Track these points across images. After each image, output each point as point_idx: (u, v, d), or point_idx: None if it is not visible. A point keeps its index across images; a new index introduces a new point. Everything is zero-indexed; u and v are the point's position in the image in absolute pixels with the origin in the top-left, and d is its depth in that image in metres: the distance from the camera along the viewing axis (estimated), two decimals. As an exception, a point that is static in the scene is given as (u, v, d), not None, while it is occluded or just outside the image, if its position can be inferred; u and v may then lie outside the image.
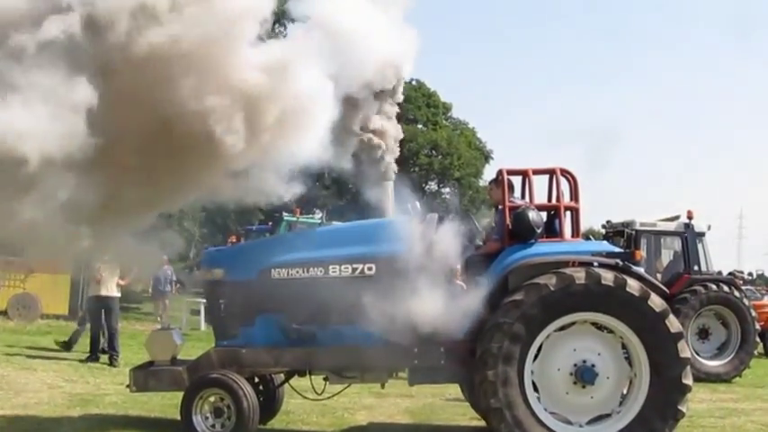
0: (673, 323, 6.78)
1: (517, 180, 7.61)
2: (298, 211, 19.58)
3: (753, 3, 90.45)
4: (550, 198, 7.45)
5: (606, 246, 7.74)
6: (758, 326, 14.36)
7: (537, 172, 7.49)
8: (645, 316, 6.70)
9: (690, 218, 14.10)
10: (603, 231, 15.22)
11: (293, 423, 8.11)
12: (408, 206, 7.41)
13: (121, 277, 12.57)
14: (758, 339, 14.96)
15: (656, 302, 6.74)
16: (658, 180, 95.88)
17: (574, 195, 7.36)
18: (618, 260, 6.97)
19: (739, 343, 13.62)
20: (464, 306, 6.70)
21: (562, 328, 6.83)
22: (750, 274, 35.03)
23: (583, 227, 7.70)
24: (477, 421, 8.13)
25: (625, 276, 6.73)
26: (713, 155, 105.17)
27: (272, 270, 7.09)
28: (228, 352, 7.19)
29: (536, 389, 6.78)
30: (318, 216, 24.64)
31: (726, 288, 13.68)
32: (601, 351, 6.84)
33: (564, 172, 7.37)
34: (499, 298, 6.74)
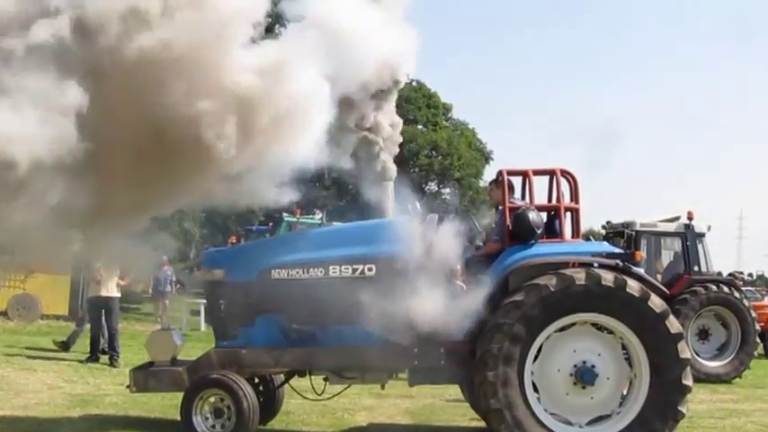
0: (673, 324, 6.79)
1: (517, 181, 7.62)
2: (298, 212, 19.59)
3: (753, 3, 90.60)
4: (550, 199, 7.46)
5: (606, 246, 7.73)
6: (758, 327, 14.34)
7: (537, 173, 7.49)
8: (645, 317, 6.71)
9: (690, 219, 14.09)
10: (603, 232, 15.19)
11: (293, 423, 8.11)
12: (408, 207, 7.41)
13: (121, 277, 12.56)
14: (758, 340, 14.93)
15: (656, 303, 6.74)
16: (658, 181, 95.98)
17: (574, 196, 7.36)
18: (618, 261, 6.97)
19: (739, 344, 13.60)
20: (464, 307, 6.70)
21: (562, 329, 6.84)
22: (750, 275, 34.98)
23: (583, 227, 7.70)
24: (477, 422, 8.12)
25: (625, 277, 6.74)
26: (713, 155, 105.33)
27: (273, 271, 7.09)
28: (228, 352, 7.19)
29: (536, 389, 6.78)
30: (318, 217, 24.65)
31: (726, 289, 13.66)
32: (601, 352, 6.85)
33: (564, 173, 7.38)
34: (499, 299, 6.74)
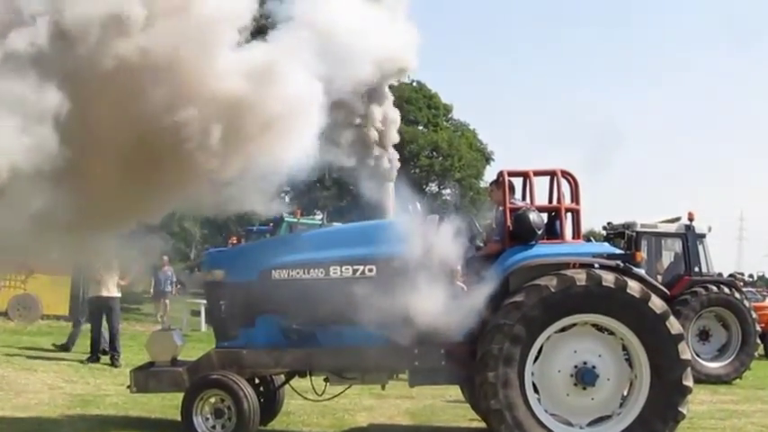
0: (673, 325, 6.79)
1: (518, 181, 7.62)
2: (298, 213, 19.59)
3: (754, 4, 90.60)
4: (551, 199, 7.46)
5: (607, 247, 7.74)
6: (759, 327, 14.33)
7: (538, 173, 7.49)
8: (645, 317, 6.71)
9: (690, 219, 14.09)
10: (604, 233, 15.20)
11: (293, 424, 8.11)
12: (409, 207, 7.40)
13: (121, 277, 12.56)
14: (759, 341, 14.94)
15: (657, 304, 6.74)
16: (659, 181, 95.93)
17: (574, 197, 7.36)
18: (619, 262, 6.97)
19: (740, 345, 13.60)
20: (465, 307, 6.70)
21: (563, 330, 6.84)
22: (751, 276, 35.00)
23: (583, 228, 7.70)
24: (477, 423, 8.12)
25: (626, 278, 6.74)
26: (714, 156, 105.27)
27: (273, 271, 7.09)
28: (229, 353, 7.19)
29: (536, 390, 6.78)
30: (319, 217, 24.67)
31: (726, 290, 13.66)
32: (601, 353, 6.85)
33: (565, 173, 7.38)
34: (500, 299, 6.74)
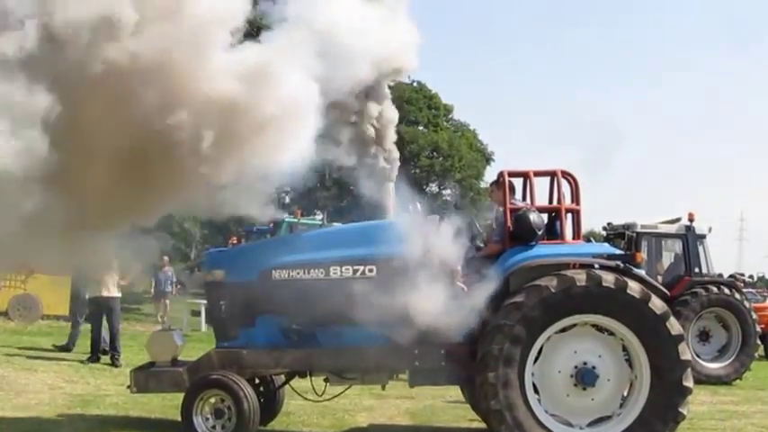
0: (673, 325, 6.79)
1: (518, 182, 7.62)
2: (299, 213, 19.59)
3: (754, 4, 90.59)
4: (551, 200, 7.46)
5: (607, 248, 7.73)
6: (759, 328, 14.32)
7: (538, 174, 7.49)
8: (645, 318, 6.71)
9: (691, 220, 14.08)
10: (604, 233, 15.19)
11: (293, 424, 8.11)
12: (409, 208, 7.40)
13: (122, 277, 12.55)
14: (759, 342, 14.94)
15: (657, 305, 6.74)
16: (659, 182, 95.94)
17: (575, 197, 7.36)
18: (619, 262, 6.97)
19: (740, 345, 13.59)
20: (465, 308, 6.69)
21: (563, 330, 6.84)
22: (751, 277, 35.01)
23: (584, 229, 7.70)
24: (477, 423, 8.12)
25: (626, 278, 6.74)
26: (714, 156, 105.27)
27: (273, 271, 7.08)
28: (229, 353, 7.19)
29: (537, 391, 6.78)
30: (319, 217, 24.68)
31: (727, 290, 13.65)
32: (601, 353, 6.85)
33: (565, 174, 7.38)
34: (500, 300, 6.74)
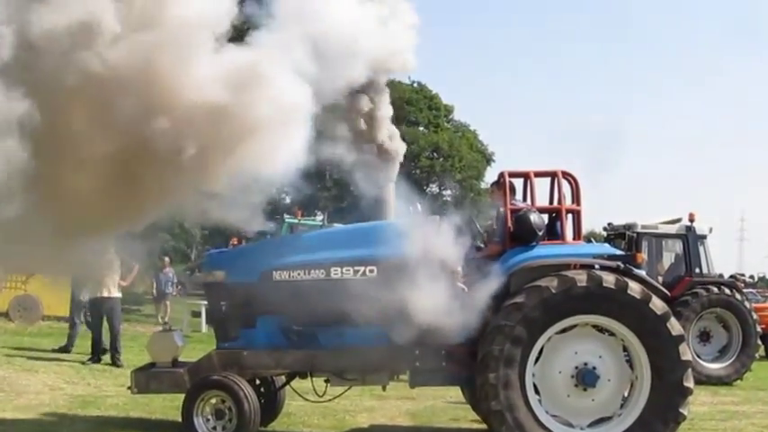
0: (674, 326, 6.79)
1: (519, 182, 7.62)
2: (299, 213, 19.57)
3: (755, 3, 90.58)
4: (552, 200, 7.46)
5: (608, 248, 7.73)
6: (759, 329, 14.31)
7: (538, 174, 7.49)
8: (646, 319, 6.70)
9: (691, 220, 14.07)
10: (605, 234, 15.20)
11: (294, 425, 8.11)
12: (409, 208, 7.40)
13: (122, 278, 12.56)
14: (759, 342, 14.94)
15: (658, 305, 6.74)
16: (660, 182, 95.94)
17: (575, 198, 7.36)
18: (619, 263, 6.96)
19: (740, 346, 13.59)
20: (465, 308, 6.69)
21: (563, 331, 6.83)
22: (752, 277, 35.04)
23: (584, 229, 7.70)
24: (478, 424, 8.13)
25: (626, 279, 6.73)
26: (714, 157, 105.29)
27: (274, 272, 7.08)
28: (230, 354, 7.19)
29: (537, 391, 6.78)
30: (320, 218, 24.66)
31: (727, 291, 13.64)
32: (602, 354, 6.84)
33: (565, 174, 7.38)
34: (500, 300, 6.74)
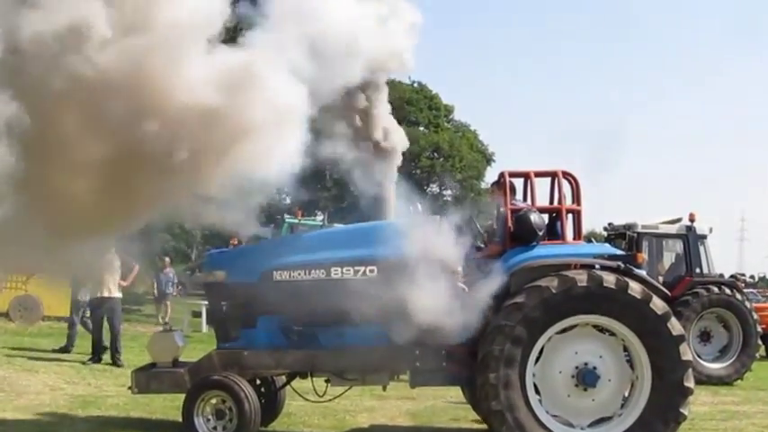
0: (674, 326, 6.79)
1: (519, 182, 7.62)
2: (299, 214, 19.57)
3: (755, 3, 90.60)
4: (552, 200, 7.46)
5: (608, 248, 7.73)
6: (760, 329, 14.32)
7: (539, 174, 7.49)
8: (646, 318, 6.70)
9: (692, 220, 14.06)
10: (605, 234, 15.20)
11: (294, 425, 8.11)
12: (410, 208, 7.40)
13: (123, 278, 12.56)
14: (760, 342, 14.96)
15: (658, 305, 6.74)
16: (660, 182, 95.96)
17: (576, 198, 7.36)
18: (620, 263, 6.96)
19: (741, 346, 13.58)
20: (465, 308, 6.69)
21: (564, 331, 6.83)
22: (752, 277, 35.03)
23: (584, 229, 7.70)
24: (478, 424, 8.13)
25: (627, 279, 6.73)
26: (715, 157, 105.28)
27: (274, 272, 7.08)
28: (230, 354, 7.19)
29: (537, 391, 6.78)
30: (320, 218, 24.66)
31: (728, 291, 13.64)
32: (602, 354, 6.84)
33: (566, 174, 7.38)
34: (501, 300, 6.73)
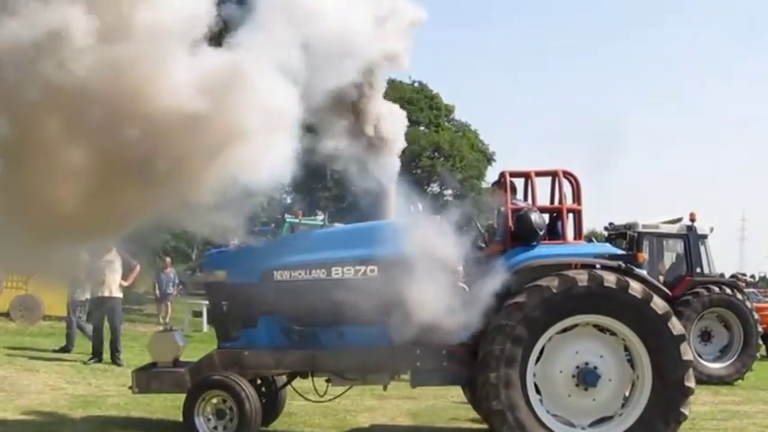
0: (675, 325, 6.78)
1: (519, 182, 7.61)
2: (300, 213, 19.59)
3: (755, 3, 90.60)
4: (553, 200, 7.46)
5: (609, 248, 7.73)
6: (760, 328, 14.32)
7: (539, 174, 7.48)
8: (647, 318, 6.70)
9: (692, 220, 14.06)
10: (606, 233, 15.19)
11: (295, 425, 8.11)
12: (410, 208, 7.40)
13: (124, 278, 12.56)
14: (760, 342, 14.95)
15: (659, 305, 6.74)
16: (661, 182, 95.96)
17: (576, 197, 7.36)
18: (620, 262, 6.96)
19: (741, 345, 13.58)
20: (466, 308, 6.69)
21: (564, 331, 6.83)
22: (753, 277, 35.01)
23: (585, 229, 7.70)
24: (479, 424, 8.13)
25: (627, 279, 6.73)
26: (715, 156, 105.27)
27: (275, 272, 7.08)
28: (231, 354, 7.19)
29: (538, 391, 6.77)
30: (320, 218, 24.69)
31: (728, 290, 13.64)
32: (603, 353, 6.84)
33: (566, 174, 7.37)
34: (501, 300, 6.73)
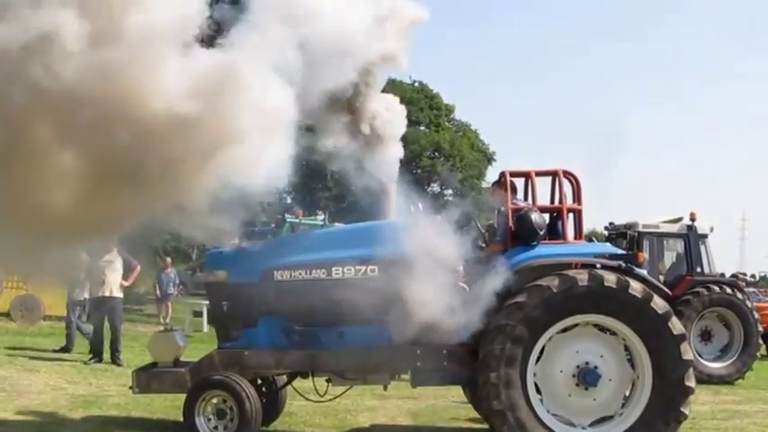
0: (675, 325, 6.78)
1: (520, 182, 7.62)
2: (300, 213, 19.58)
3: (756, 3, 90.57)
4: (553, 200, 7.46)
5: (609, 248, 7.74)
6: (761, 328, 14.32)
7: (540, 174, 7.49)
8: (647, 318, 6.70)
9: (693, 219, 14.07)
10: (606, 233, 15.20)
11: (296, 425, 8.11)
12: (411, 208, 7.40)
13: (124, 278, 12.56)
14: (761, 341, 14.95)
15: (659, 304, 6.74)
16: (661, 182, 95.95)
17: (576, 197, 7.36)
18: (621, 262, 6.96)
19: (742, 345, 13.59)
20: (466, 308, 6.69)
21: (564, 330, 6.84)
22: (753, 276, 34.92)
23: (585, 228, 7.70)
24: (479, 423, 8.13)
25: (628, 278, 6.73)
26: (715, 156, 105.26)
27: (275, 272, 7.08)
28: (231, 354, 7.19)
29: (538, 391, 6.78)
30: (321, 218, 24.69)
31: (728, 290, 13.64)
32: (603, 353, 6.84)
33: (566, 174, 7.37)
34: (502, 300, 6.73)
